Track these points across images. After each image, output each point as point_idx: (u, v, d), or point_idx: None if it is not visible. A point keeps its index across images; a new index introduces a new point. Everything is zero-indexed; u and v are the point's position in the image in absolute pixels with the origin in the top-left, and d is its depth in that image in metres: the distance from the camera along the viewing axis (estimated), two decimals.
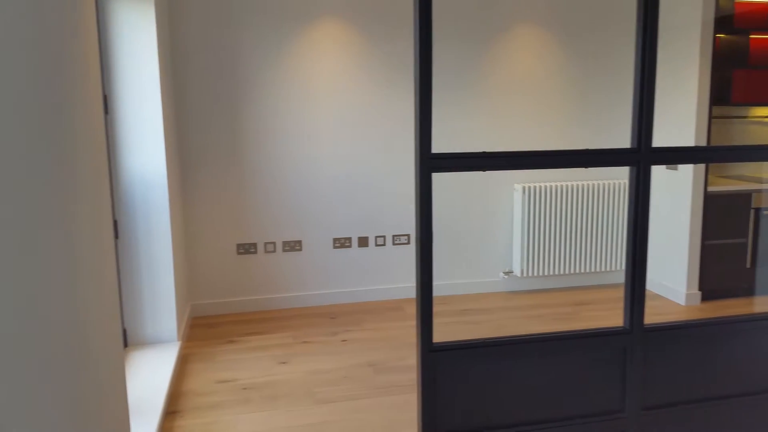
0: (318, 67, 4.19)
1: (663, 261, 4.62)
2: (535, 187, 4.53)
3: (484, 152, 1.97)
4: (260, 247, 4.27)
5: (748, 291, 4.55)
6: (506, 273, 4.70)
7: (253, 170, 4.19)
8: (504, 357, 2.06)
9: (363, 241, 4.42)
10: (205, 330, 3.96)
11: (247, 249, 4.25)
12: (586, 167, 2.09)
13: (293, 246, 4.32)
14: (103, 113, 2.25)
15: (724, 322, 2.22)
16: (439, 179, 4.46)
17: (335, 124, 4.28)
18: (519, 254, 4.61)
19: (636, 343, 2.15)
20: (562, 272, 4.69)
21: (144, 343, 3.48)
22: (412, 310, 4.31)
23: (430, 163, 1.94)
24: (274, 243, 4.29)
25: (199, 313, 4.22)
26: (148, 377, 3.08)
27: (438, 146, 4.37)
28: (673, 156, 2.14)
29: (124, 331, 3.44)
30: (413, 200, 4.46)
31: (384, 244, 4.45)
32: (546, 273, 4.65)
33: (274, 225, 4.27)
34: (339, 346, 3.67)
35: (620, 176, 4.82)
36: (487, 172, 4.55)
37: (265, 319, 4.14)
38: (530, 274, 4.62)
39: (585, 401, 2.16)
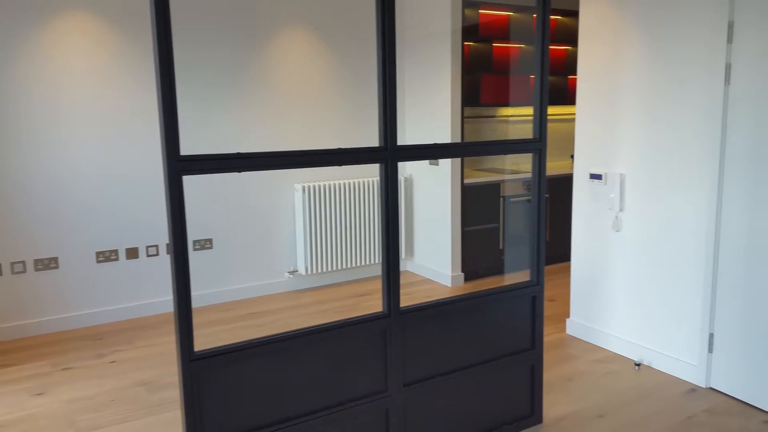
0: (64, 66, 3.79)
1: (431, 248, 5.04)
2: (315, 186, 4.63)
3: (238, 153, 1.95)
4: (6, 268, 3.73)
5: (502, 269, 5.18)
6: (291, 272, 4.74)
7: None
8: (269, 356, 2.07)
9: (132, 253, 4.11)
10: None
11: None
12: (339, 165, 2.18)
13: (48, 264, 3.85)
14: None
15: (467, 298, 2.48)
16: (219, 180, 4.33)
17: (89, 126, 3.91)
18: (303, 253, 4.68)
19: (394, 326, 2.31)
20: (344, 267, 4.86)
21: None
22: (194, 320, 4.12)
23: (180, 165, 1.86)
24: (23, 262, 3.78)
25: None
26: None
27: (206, 147, 4.24)
28: (417, 153, 2.33)
29: None
30: (186, 203, 4.27)
31: (157, 254, 4.19)
32: (330, 269, 4.79)
33: (22, 241, 3.77)
34: (106, 369, 3.37)
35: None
36: (269, 172, 4.55)
37: (16, 349, 3.64)
38: (315, 271, 4.72)
39: (352, 386, 2.26)
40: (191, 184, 4.26)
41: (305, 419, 2.16)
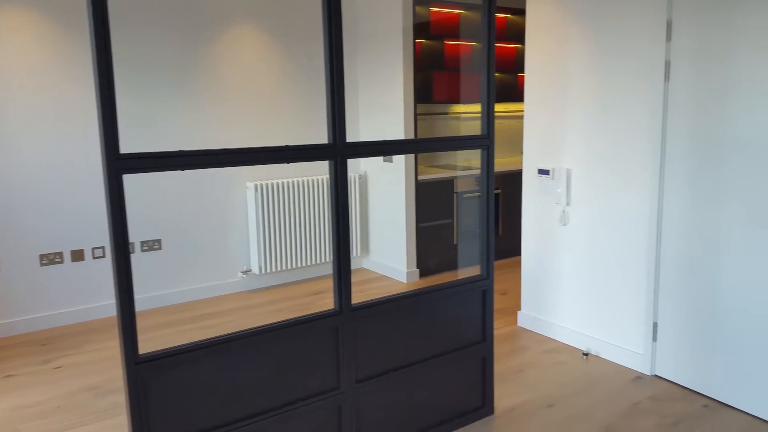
0: (2, 63, 3.64)
1: (386, 245, 5.06)
2: (267, 184, 4.58)
3: (180, 151, 1.91)
4: None
5: (456, 264, 5.24)
6: (244, 272, 4.68)
7: None
8: (218, 357, 2.04)
9: (77, 255, 3.99)
10: None
11: None
12: (287, 163, 2.16)
13: None
14: None
15: (418, 294, 2.51)
16: (168, 178, 4.24)
17: (30, 125, 3.77)
18: (256, 252, 4.63)
19: (346, 323, 2.31)
20: (299, 265, 4.84)
21: None
22: (143, 322, 4.03)
23: (119, 164, 1.82)
24: None
25: None
26: None
27: (153, 146, 4.14)
28: (366, 149, 2.33)
29: None
30: (132, 203, 4.17)
31: (104, 256, 4.07)
32: (284, 268, 4.75)
33: None
34: (52, 375, 3.26)
35: (348, 169, 5.13)
36: (220, 170, 4.48)
37: None
38: (269, 270, 4.67)
39: (305, 385, 2.26)
40: (138, 183, 4.16)
41: (257, 419, 2.14)
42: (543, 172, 3.62)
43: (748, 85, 2.62)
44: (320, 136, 4.91)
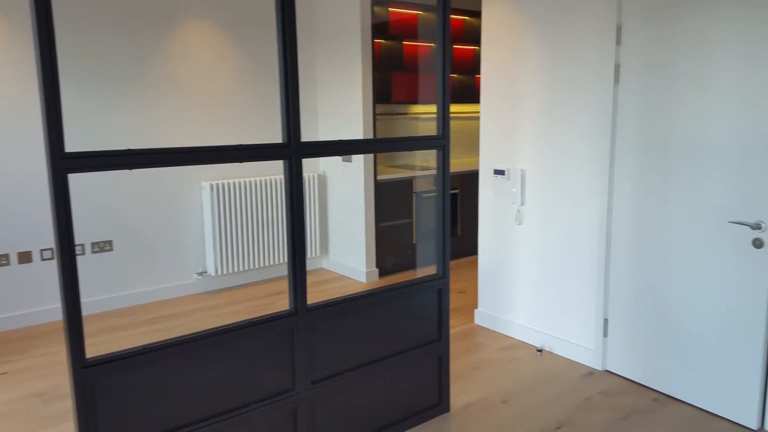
0: None
1: (346, 245, 5.05)
2: (223, 184, 4.52)
3: (128, 150, 1.87)
4: None
5: (415, 264, 5.27)
6: (200, 273, 4.60)
7: None
8: (169, 360, 2.00)
9: (25, 257, 3.85)
10: None
11: None
12: (241, 162, 2.14)
13: None
14: None
15: (374, 293, 2.51)
16: (119, 177, 4.13)
17: None
18: (212, 253, 4.55)
19: (301, 323, 2.30)
20: (256, 266, 4.78)
21: None
22: (94, 326, 3.92)
23: (64, 163, 1.77)
24: None
25: None
26: None
27: (102, 145, 4.04)
28: (321, 149, 2.33)
29: None
30: (83, 203, 4.05)
31: (53, 258, 3.95)
32: (241, 269, 4.69)
33: None
34: None
35: (304, 169, 5.10)
36: (174, 169, 4.39)
37: None
38: (225, 271, 4.61)
39: (260, 387, 2.23)
40: (89, 182, 4.04)
41: (210, 423, 2.11)
42: (499, 172, 3.68)
43: (693, 87, 2.72)
44: (275, 135, 4.87)
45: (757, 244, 2.55)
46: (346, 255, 5.06)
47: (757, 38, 2.47)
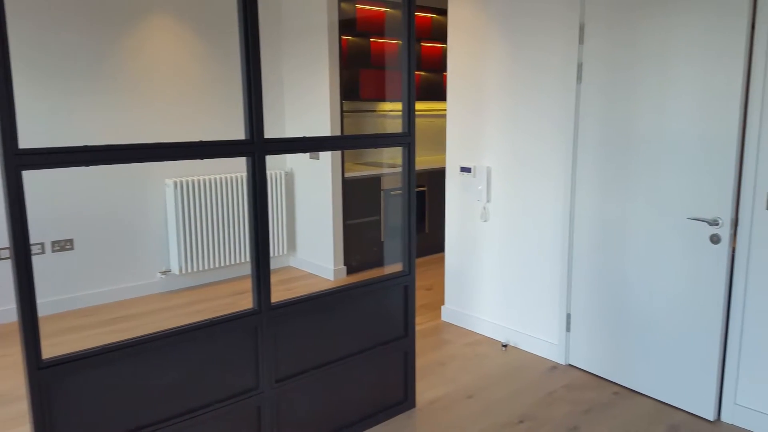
0: None
1: (313, 242, 5.03)
2: (187, 181, 4.45)
3: (85, 146, 1.82)
4: None
5: (382, 261, 5.28)
6: (163, 272, 4.53)
7: None
8: (129, 360, 1.96)
9: None
10: None
11: None
12: (202, 159, 2.10)
13: None
14: None
15: (339, 291, 2.50)
16: (79, 175, 4.03)
17: None
18: (176, 251, 4.48)
19: (265, 322, 2.28)
20: (221, 265, 4.72)
21: None
22: (54, 326, 3.82)
23: (18, 159, 1.71)
24: None
25: None
26: None
27: (59, 142, 3.94)
28: (285, 146, 2.31)
29: None
30: (42, 201, 3.94)
31: (8, 257, 3.83)
32: (205, 267, 4.63)
33: None
34: None
35: (271, 167, 5.06)
36: (136, 166, 4.30)
37: None
38: (189, 270, 4.54)
39: (223, 386, 2.21)
40: (49, 180, 3.94)
41: (171, 423, 2.07)
42: (465, 169, 3.70)
43: (652, 85, 2.78)
44: (239, 132, 4.81)
45: (715, 240, 2.62)
46: (313, 253, 5.04)
47: (715, 44, 2.54)
